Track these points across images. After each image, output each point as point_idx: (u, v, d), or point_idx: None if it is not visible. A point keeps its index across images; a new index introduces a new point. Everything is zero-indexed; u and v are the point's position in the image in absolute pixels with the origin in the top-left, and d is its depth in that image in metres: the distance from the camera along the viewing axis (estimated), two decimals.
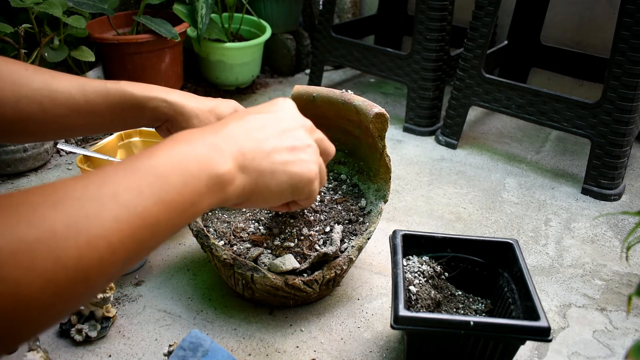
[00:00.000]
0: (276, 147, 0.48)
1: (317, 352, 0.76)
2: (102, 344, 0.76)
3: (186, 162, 0.40)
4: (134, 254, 0.36)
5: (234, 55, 1.50)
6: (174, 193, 0.38)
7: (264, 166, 0.47)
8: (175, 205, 0.38)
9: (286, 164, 0.49)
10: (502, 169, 1.26)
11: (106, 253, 0.33)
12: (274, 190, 0.48)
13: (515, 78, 1.39)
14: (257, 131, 0.48)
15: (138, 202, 0.35)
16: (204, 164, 0.41)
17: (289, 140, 0.50)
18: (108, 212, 0.34)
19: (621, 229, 1.05)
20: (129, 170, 0.37)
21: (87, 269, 0.32)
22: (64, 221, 0.31)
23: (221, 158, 0.43)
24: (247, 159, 0.45)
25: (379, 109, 0.82)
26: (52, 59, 1.17)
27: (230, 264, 0.76)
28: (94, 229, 0.33)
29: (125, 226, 0.34)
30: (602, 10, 1.44)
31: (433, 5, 1.30)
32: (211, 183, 0.41)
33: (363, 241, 0.81)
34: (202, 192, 0.40)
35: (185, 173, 0.39)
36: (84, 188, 0.34)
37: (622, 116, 1.09)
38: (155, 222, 0.36)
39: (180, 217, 0.39)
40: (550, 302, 0.87)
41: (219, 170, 0.42)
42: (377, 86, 1.70)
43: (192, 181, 0.40)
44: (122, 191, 0.35)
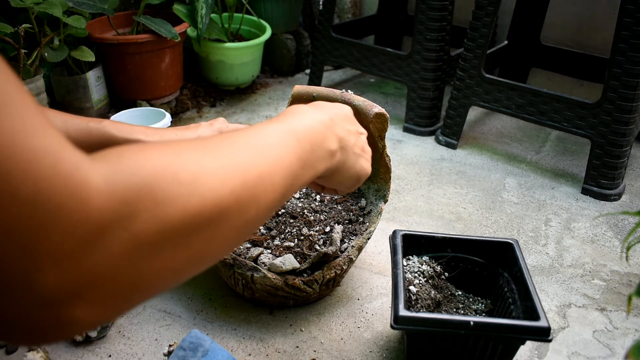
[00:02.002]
0: (357, 143, 0.58)
1: (317, 352, 0.76)
2: (102, 344, 0.76)
3: (313, 133, 0.48)
4: (281, 199, 0.42)
5: (234, 55, 1.50)
6: (307, 156, 0.46)
7: (351, 153, 0.56)
8: (306, 165, 0.46)
9: (361, 158, 0.58)
10: (502, 169, 1.26)
11: (270, 189, 0.39)
12: (350, 174, 0.57)
13: (515, 78, 1.38)
14: (347, 123, 0.57)
15: (285, 156, 0.43)
16: (323, 139, 0.50)
17: (361, 141, 0.59)
18: (265, 161, 0.40)
19: (621, 229, 1.05)
20: (279, 129, 0.45)
21: (259, 197, 0.38)
22: (229, 157, 0.37)
23: (332, 137, 0.52)
24: (344, 143, 0.54)
25: (379, 109, 0.82)
26: (52, 59, 1.17)
27: (230, 264, 0.76)
28: (263, 170, 0.39)
29: (277, 173, 0.41)
30: (602, 10, 1.44)
31: (433, 5, 1.30)
32: (326, 154, 0.50)
33: (363, 241, 0.81)
34: (321, 159, 0.49)
35: (313, 142, 0.48)
36: (239, 138, 0.40)
37: (622, 116, 1.09)
38: (295, 175, 0.44)
39: (307, 176, 0.47)
40: (550, 302, 0.87)
41: (331, 146, 0.51)
42: (377, 86, 1.70)
43: (318, 151, 0.49)
44: (275, 145, 0.42)
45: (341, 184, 0.59)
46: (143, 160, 0.30)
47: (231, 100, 1.58)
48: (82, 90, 1.31)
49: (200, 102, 1.54)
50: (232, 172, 0.36)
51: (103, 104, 1.37)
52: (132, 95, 1.40)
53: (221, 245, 0.35)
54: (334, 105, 0.59)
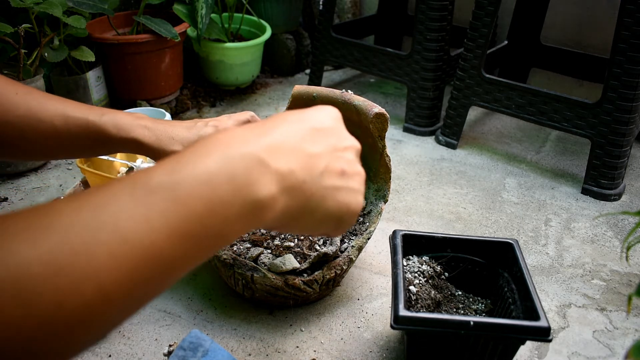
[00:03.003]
0: (329, 167, 0.39)
1: (317, 352, 0.76)
2: (102, 344, 0.76)
3: (216, 183, 0.31)
4: (136, 298, 0.29)
5: (234, 55, 1.50)
6: (195, 224, 0.30)
7: (313, 190, 0.37)
8: (195, 238, 0.30)
9: (336, 190, 0.40)
10: (502, 169, 1.26)
11: (96, 299, 0.26)
12: (317, 219, 0.39)
13: (515, 78, 1.38)
14: (310, 144, 0.38)
15: (145, 234, 0.28)
16: (239, 186, 0.32)
17: (341, 162, 0.40)
18: (102, 246, 0.27)
19: (621, 229, 1.05)
20: (140, 190, 0.29)
21: (68, 318, 0.25)
22: (42, 257, 0.25)
23: (264, 178, 0.33)
24: (297, 179, 0.36)
25: (379, 109, 0.82)
26: (52, 59, 1.17)
27: (230, 264, 0.76)
28: (81, 267, 0.26)
29: (123, 264, 0.27)
30: (602, 10, 1.44)
31: (433, 5, 1.30)
32: (246, 210, 0.32)
33: (363, 241, 0.81)
34: (233, 221, 0.32)
35: (213, 198, 0.31)
36: (78, 212, 0.27)
37: (622, 116, 1.09)
38: (167, 259, 0.29)
39: (200, 251, 0.31)
40: (550, 302, 0.87)
41: (259, 194, 0.33)
42: (377, 86, 1.70)
43: (222, 209, 0.31)
44: (125, 219, 0.28)
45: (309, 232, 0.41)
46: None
47: (231, 100, 1.58)
48: (82, 90, 1.31)
49: (200, 102, 1.54)
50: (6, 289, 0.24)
51: (103, 104, 1.37)
52: (132, 95, 1.40)
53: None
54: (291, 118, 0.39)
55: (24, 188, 1.12)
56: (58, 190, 1.11)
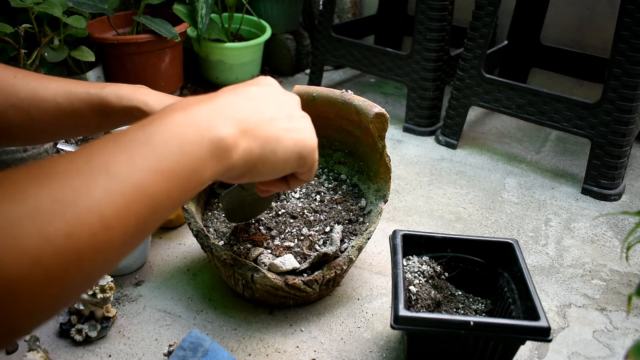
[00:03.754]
0: (275, 115, 0.46)
1: (317, 352, 0.76)
2: (102, 344, 0.76)
3: (183, 128, 0.37)
4: (133, 229, 0.33)
5: (234, 55, 1.50)
6: (171, 162, 0.35)
7: (268, 132, 0.44)
8: (174, 175, 0.35)
9: (289, 130, 0.47)
10: (502, 169, 1.26)
11: (99, 228, 0.30)
12: (281, 157, 0.46)
13: (515, 78, 1.38)
14: (253, 100, 0.45)
15: (131, 173, 0.33)
16: (203, 129, 0.38)
17: (285, 109, 0.48)
18: (98, 184, 0.31)
19: (621, 229, 1.05)
20: (120, 141, 0.34)
21: (78, 246, 0.29)
22: (50, 196, 0.29)
23: (222, 122, 0.40)
24: (250, 124, 0.43)
25: (379, 109, 0.82)
26: (52, 59, 1.17)
27: (230, 264, 0.76)
28: (83, 202, 0.30)
29: (118, 198, 0.31)
30: (602, 10, 1.44)
31: (433, 5, 1.30)
32: (213, 148, 0.38)
33: (363, 241, 0.81)
34: (205, 159, 0.38)
35: (183, 140, 0.37)
36: (71, 162, 0.32)
37: (622, 116, 1.09)
38: (153, 193, 0.34)
39: (182, 188, 0.36)
40: (550, 302, 0.87)
41: (220, 133, 0.39)
42: (377, 86, 1.70)
43: (192, 148, 0.37)
44: (113, 163, 0.32)
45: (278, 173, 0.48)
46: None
47: None
48: None
49: None
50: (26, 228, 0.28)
51: None
52: None
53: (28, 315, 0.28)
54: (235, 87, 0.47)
55: None
56: None
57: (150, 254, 0.93)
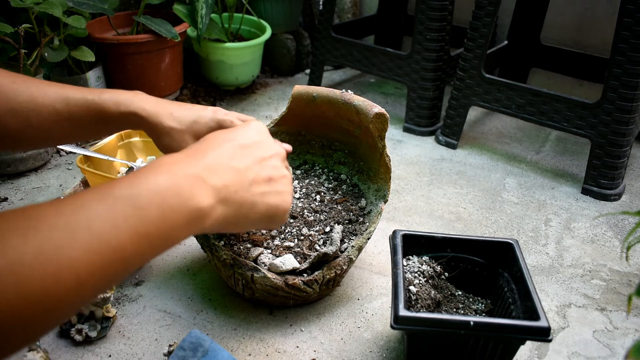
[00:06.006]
0: (256, 178, 0.49)
1: (317, 352, 0.76)
2: (102, 344, 0.76)
3: (167, 195, 0.39)
4: (103, 285, 0.35)
5: (234, 55, 1.50)
6: (151, 226, 0.37)
7: (244, 198, 0.47)
8: (150, 238, 0.37)
9: (265, 195, 0.49)
10: (502, 169, 1.26)
11: (73, 284, 0.32)
12: (251, 220, 0.49)
13: (515, 78, 1.38)
14: (237, 160, 0.48)
15: (112, 234, 0.35)
16: (184, 198, 0.40)
17: (267, 170, 0.50)
18: (79, 242, 0.33)
19: (621, 229, 1.05)
20: (107, 198, 0.36)
21: (51, 301, 0.31)
22: (33, 249, 0.30)
23: (203, 191, 0.42)
24: (229, 191, 0.45)
25: (379, 109, 0.82)
26: (52, 59, 1.17)
27: (230, 264, 0.76)
28: (63, 259, 0.32)
29: (96, 258, 0.33)
30: (602, 10, 1.44)
31: (433, 5, 1.30)
32: (190, 217, 0.41)
33: (363, 241, 0.81)
34: (180, 226, 0.40)
35: (164, 206, 0.38)
36: (57, 215, 0.33)
37: (622, 116, 1.09)
38: (128, 254, 0.36)
39: (153, 250, 0.39)
40: (550, 302, 0.87)
41: (200, 204, 0.42)
42: (377, 86, 1.70)
43: (171, 215, 0.39)
44: (96, 221, 0.34)
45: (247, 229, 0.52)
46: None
47: (231, 100, 1.58)
48: None
49: (201, 102, 1.54)
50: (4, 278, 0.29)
51: None
52: None
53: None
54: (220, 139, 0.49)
55: (24, 188, 1.12)
56: (58, 190, 1.11)
57: None
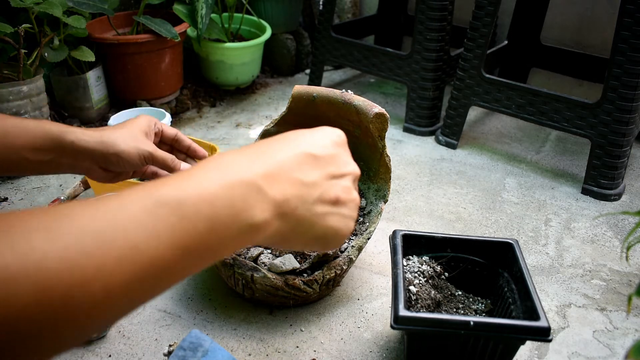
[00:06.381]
0: (322, 196, 0.41)
1: (317, 352, 0.76)
2: (102, 344, 0.76)
3: (217, 204, 0.33)
4: (134, 300, 0.31)
5: (234, 55, 1.50)
6: (196, 239, 0.32)
7: (304, 217, 0.40)
8: (195, 253, 0.32)
9: (327, 216, 0.42)
10: (502, 169, 1.26)
11: (101, 297, 0.28)
12: (305, 241, 0.42)
13: (515, 78, 1.38)
14: (305, 172, 0.40)
15: (152, 245, 0.30)
16: (238, 210, 0.34)
17: (336, 189, 0.42)
18: (113, 250, 0.29)
19: (621, 229, 1.05)
20: (150, 202, 0.31)
21: (74, 311, 0.27)
22: (58, 254, 0.27)
23: (260, 204, 0.36)
24: (289, 206, 0.38)
25: (379, 109, 0.82)
26: (52, 59, 1.17)
27: (230, 264, 0.76)
28: (92, 267, 0.28)
29: (130, 269, 0.29)
30: (602, 10, 1.44)
31: (433, 5, 1.30)
32: (242, 232, 0.35)
33: (363, 241, 0.81)
34: (229, 240, 0.34)
35: (214, 218, 0.33)
36: (91, 217, 0.29)
37: (622, 116, 1.09)
38: (167, 267, 0.31)
39: (196, 264, 0.34)
40: (550, 302, 0.87)
41: (254, 219, 0.35)
42: (377, 86, 1.70)
43: (221, 229, 0.33)
44: (135, 228, 0.30)
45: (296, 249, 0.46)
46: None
47: (231, 100, 1.58)
48: (82, 90, 1.31)
49: (201, 102, 1.54)
50: (24, 282, 0.26)
51: (103, 104, 1.37)
52: (132, 95, 1.40)
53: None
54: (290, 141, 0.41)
55: (24, 188, 1.12)
56: (58, 190, 1.11)
57: None
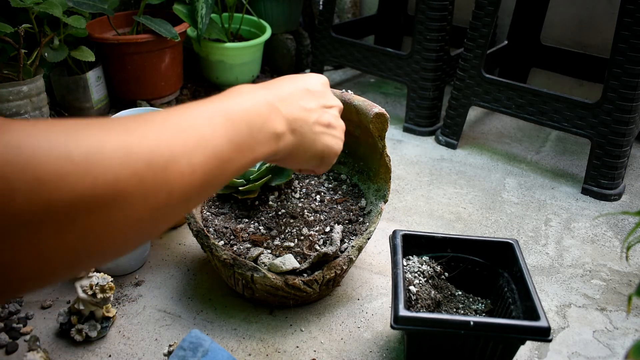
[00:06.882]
0: (318, 120, 0.56)
1: (317, 352, 0.76)
2: (102, 344, 0.76)
3: (252, 115, 0.46)
4: (202, 188, 0.39)
5: (234, 55, 1.50)
6: (241, 137, 0.43)
7: (307, 133, 0.55)
8: (241, 148, 0.43)
9: (324, 135, 0.57)
10: (502, 169, 1.26)
11: (187, 171, 0.36)
12: (310, 155, 0.56)
13: (515, 78, 1.39)
14: (305, 101, 0.55)
15: (214, 136, 0.40)
16: (265, 121, 0.47)
17: (327, 116, 0.58)
18: (188, 138, 0.38)
19: (621, 229, 1.05)
20: (205, 109, 0.42)
21: (170, 180, 0.35)
22: (156, 138, 0.35)
23: (278, 118, 0.50)
24: (297, 124, 0.53)
25: (379, 109, 0.82)
26: (52, 59, 1.17)
27: (230, 264, 0.76)
28: (178, 146, 0.36)
29: (203, 153, 0.38)
30: (602, 10, 1.44)
31: (433, 5, 1.30)
32: (270, 137, 0.48)
33: (363, 241, 0.81)
34: (263, 143, 0.47)
35: (251, 124, 0.45)
36: (163, 119, 0.38)
37: (622, 116, 1.09)
38: (224, 158, 0.41)
39: (244, 160, 0.44)
40: (550, 302, 0.87)
41: (277, 129, 0.49)
42: (377, 86, 1.70)
43: (256, 133, 0.46)
44: (200, 124, 0.40)
45: (302, 165, 0.58)
46: (31, 135, 0.28)
47: None
48: (82, 90, 1.31)
49: None
50: (137, 151, 0.33)
51: (103, 104, 1.37)
52: (132, 95, 1.40)
53: (121, 231, 0.32)
54: (291, 80, 0.57)
55: None
56: None
57: (150, 254, 0.93)
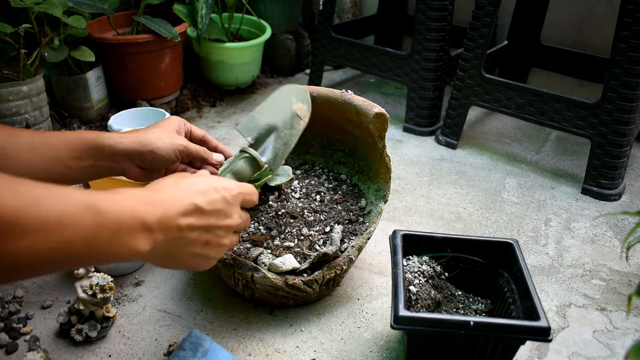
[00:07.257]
0: (196, 240, 0.55)
1: (317, 352, 0.76)
2: (102, 344, 0.76)
3: (120, 225, 0.47)
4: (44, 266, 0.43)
5: (234, 55, 1.50)
6: (99, 244, 0.46)
7: (176, 253, 0.54)
8: (95, 250, 0.46)
9: (194, 256, 0.56)
10: (502, 169, 1.26)
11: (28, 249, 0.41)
12: (176, 267, 0.58)
13: (515, 78, 1.38)
14: (188, 221, 0.54)
15: (71, 232, 0.43)
16: (130, 238, 0.48)
17: (209, 236, 0.56)
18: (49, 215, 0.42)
19: (621, 229, 1.05)
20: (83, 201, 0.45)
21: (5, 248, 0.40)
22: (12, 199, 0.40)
23: (143, 239, 0.50)
24: (166, 247, 0.52)
25: (379, 109, 0.82)
26: (52, 59, 1.17)
27: (230, 264, 0.76)
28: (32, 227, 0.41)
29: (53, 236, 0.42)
30: (602, 10, 1.44)
31: (433, 5, 1.30)
32: (129, 252, 0.49)
33: (363, 241, 0.81)
34: (119, 253, 0.48)
35: (115, 232, 0.47)
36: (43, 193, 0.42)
37: (622, 116, 1.09)
38: (69, 250, 0.43)
39: (96, 259, 0.48)
40: (550, 302, 0.87)
41: (138, 248, 0.49)
42: (377, 86, 1.70)
43: (116, 246, 0.47)
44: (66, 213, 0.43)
45: (168, 267, 0.59)
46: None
47: (231, 100, 1.58)
48: (82, 90, 1.31)
49: (200, 102, 1.54)
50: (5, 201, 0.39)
51: (103, 104, 1.37)
52: (132, 95, 1.40)
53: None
54: (185, 190, 0.55)
55: None
56: None
57: None
